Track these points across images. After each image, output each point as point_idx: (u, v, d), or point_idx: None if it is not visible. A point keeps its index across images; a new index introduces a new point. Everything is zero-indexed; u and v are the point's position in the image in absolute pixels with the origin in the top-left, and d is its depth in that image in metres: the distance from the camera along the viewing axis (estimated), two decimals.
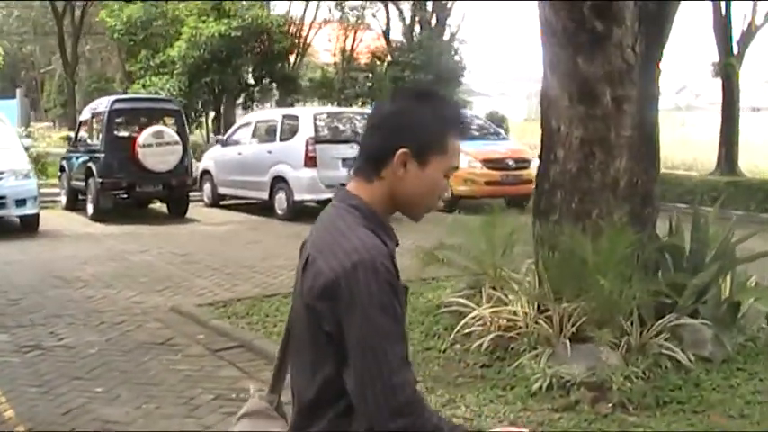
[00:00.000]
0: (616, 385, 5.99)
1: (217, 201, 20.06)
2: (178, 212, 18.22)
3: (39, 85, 67.85)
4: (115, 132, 17.98)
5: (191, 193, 20.64)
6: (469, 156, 17.64)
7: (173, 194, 18.06)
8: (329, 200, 8.99)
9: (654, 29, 6.75)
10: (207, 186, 20.53)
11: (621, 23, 6.54)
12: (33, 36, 58.46)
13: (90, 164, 17.77)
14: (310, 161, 16.80)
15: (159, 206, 19.05)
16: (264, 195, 17.89)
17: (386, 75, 27.43)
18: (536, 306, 7.08)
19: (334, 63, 42.77)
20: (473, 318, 7.39)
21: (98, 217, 17.40)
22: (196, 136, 27.51)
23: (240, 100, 28.69)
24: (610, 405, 5.89)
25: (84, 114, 20.13)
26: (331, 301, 2.09)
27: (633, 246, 6.63)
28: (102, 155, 17.40)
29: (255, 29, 24.67)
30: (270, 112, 20.45)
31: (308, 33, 30.97)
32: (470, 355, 7.12)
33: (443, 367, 7.01)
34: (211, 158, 20.60)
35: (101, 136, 17.75)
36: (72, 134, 21.18)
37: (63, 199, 20.04)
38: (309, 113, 18.11)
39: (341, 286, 2.07)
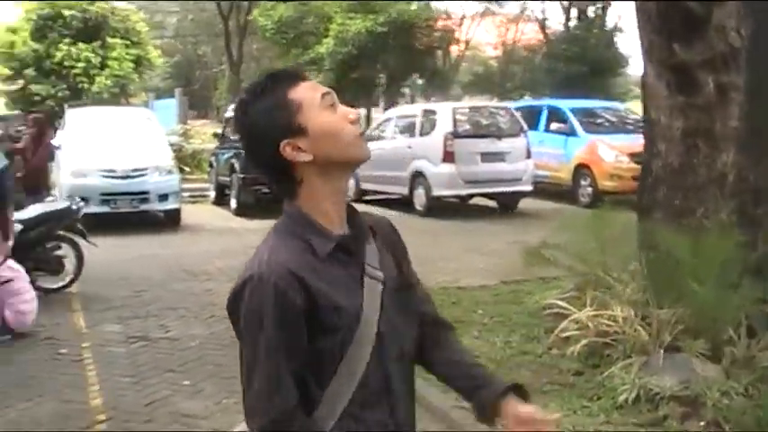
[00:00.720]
0: (711, 401, 5.46)
1: (360, 196, 20.03)
2: None
3: (211, 83, 69.97)
4: None
5: None
6: (616, 149, 17.02)
7: None
8: (468, 195, 8.80)
9: (763, 7, 6.14)
10: (351, 181, 20.56)
11: (722, 3, 5.98)
12: (206, 37, 60.26)
13: (233, 160, 18.13)
14: (449, 156, 16.54)
15: None
16: (404, 190, 17.76)
17: (540, 67, 26.83)
18: (637, 311, 6.56)
19: (497, 56, 42.53)
20: (572, 321, 6.95)
21: (240, 211, 17.73)
22: None
23: (388, 95, 28.67)
24: (702, 423, 5.37)
25: (229, 111, 20.54)
26: (230, 317, 2.07)
27: (740, 248, 6.05)
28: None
29: (401, 24, 24.53)
30: (410, 108, 20.32)
31: (460, 27, 30.71)
32: (564, 361, 6.75)
33: (535, 373, 6.66)
34: None
35: None
36: (220, 131, 21.63)
37: (212, 194, 20.53)
38: (448, 108, 17.82)
39: (233, 303, 2.04)
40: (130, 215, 15.67)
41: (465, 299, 9.37)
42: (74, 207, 10.35)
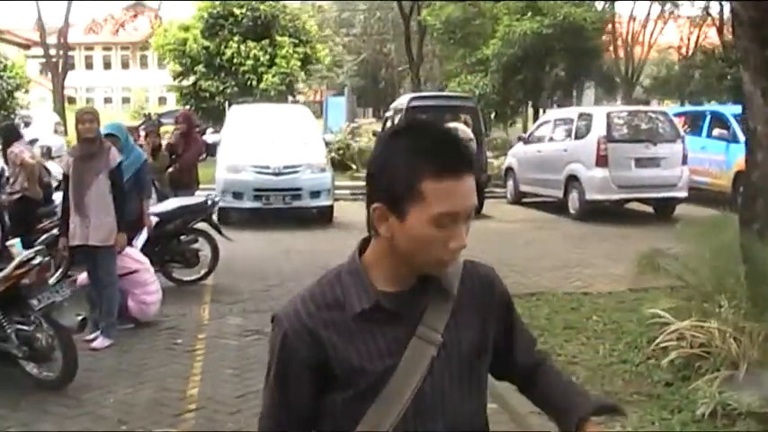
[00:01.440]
0: None
1: (519, 198, 20.00)
2: (475, 208, 18.31)
3: (396, 82, 70.85)
4: None
5: (495, 190, 20.96)
6: None
7: None
8: (623, 200, 8.80)
9: None
10: (510, 183, 20.58)
11: None
12: (392, 36, 60.92)
13: None
14: (602, 160, 16.29)
15: None
16: (559, 194, 17.59)
17: (715, 71, 25.89)
18: (735, 325, 6.35)
19: (678, 59, 41.33)
20: (672, 332, 6.79)
21: None
22: (512, 133, 27.49)
23: (555, 97, 28.32)
24: None
25: (389, 111, 20.85)
26: None
27: None
28: None
29: (568, 26, 24.19)
30: (567, 111, 20.05)
31: (644, 28, 29.82)
32: (659, 371, 6.63)
33: (627, 382, 6.58)
34: (514, 156, 20.58)
35: None
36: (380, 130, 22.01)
37: None
38: (603, 112, 17.54)
39: None
40: (282, 211, 16.13)
41: (586, 305, 9.27)
42: (209, 202, 10.78)
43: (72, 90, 69.73)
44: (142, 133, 13.60)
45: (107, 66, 78.53)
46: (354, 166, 25.56)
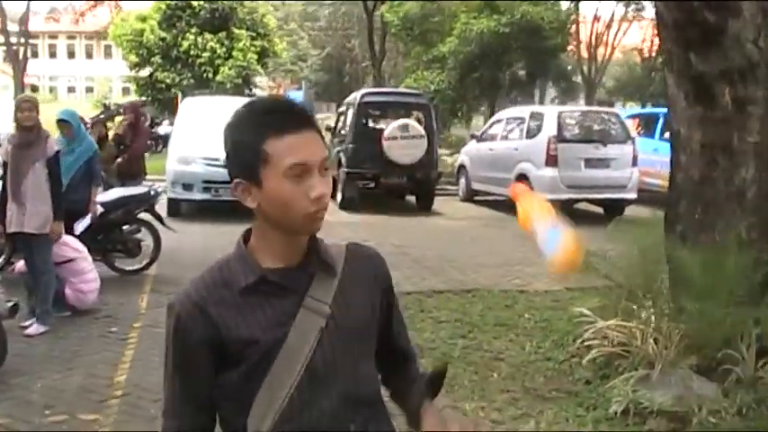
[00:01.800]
0: (697, 419, 5.37)
1: (470, 196, 20.14)
2: (424, 205, 18.51)
3: (360, 77, 70.77)
4: (364, 124, 18.56)
5: (448, 188, 21.11)
6: None
7: (417, 187, 18.38)
8: (571, 200, 8.87)
9: None
10: (462, 181, 20.74)
11: (738, 14, 5.78)
12: (357, 31, 60.84)
13: (340, 154, 18.47)
14: (552, 160, 16.42)
15: (411, 198, 19.35)
16: (509, 192, 17.66)
17: None
18: (657, 325, 6.47)
19: (641, 61, 41.66)
20: (595, 331, 6.91)
21: (345, 205, 18.03)
22: (471, 130, 27.57)
23: (514, 96, 28.45)
24: None
25: (342, 107, 20.90)
26: None
27: (759, 265, 5.89)
28: (351, 145, 18.07)
29: (525, 25, 24.31)
30: (518, 110, 20.19)
31: (608, 29, 29.92)
32: (581, 369, 6.73)
33: (549, 378, 6.69)
34: (467, 154, 20.73)
35: (350, 127, 18.38)
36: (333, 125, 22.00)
37: None
38: (554, 111, 17.67)
39: None
40: (232, 203, 16.05)
41: (521, 302, 9.39)
42: (152, 192, 10.81)
43: (35, 78, 69.24)
44: (88, 123, 13.50)
45: (71, 55, 78.08)
46: None
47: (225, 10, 30.94)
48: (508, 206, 17.35)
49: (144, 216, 10.88)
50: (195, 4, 30.59)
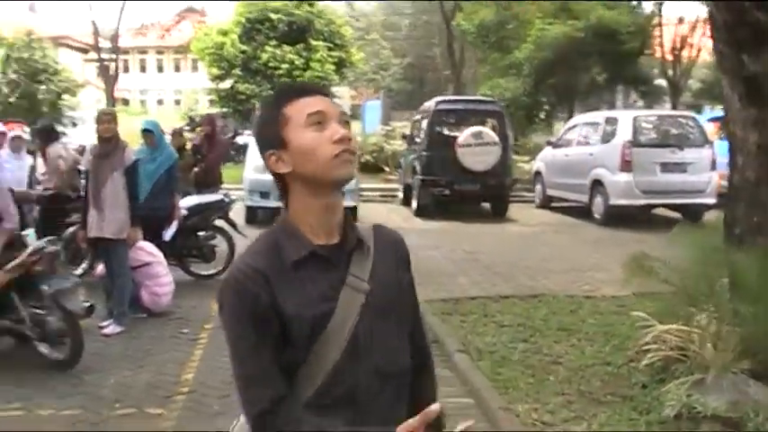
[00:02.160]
0: (753, 424, 5.36)
1: (546, 202, 20.11)
2: (498, 212, 18.55)
3: (442, 86, 70.75)
4: (438, 132, 18.69)
5: (525, 194, 21.09)
6: None
7: (491, 194, 18.45)
8: (648, 206, 8.82)
9: None
10: (538, 188, 20.72)
11: None
12: (437, 39, 60.82)
13: (416, 161, 18.62)
14: (626, 165, 16.32)
15: (487, 205, 19.39)
16: (585, 198, 17.65)
17: None
18: (716, 329, 6.45)
19: None
20: (654, 335, 6.91)
21: (420, 212, 18.24)
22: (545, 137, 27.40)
23: (591, 101, 28.17)
24: None
25: (417, 115, 21.05)
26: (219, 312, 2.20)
27: None
28: (425, 153, 18.23)
29: (601, 30, 24.08)
30: (593, 115, 20.01)
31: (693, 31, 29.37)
32: (638, 373, 6.73)
33: (605, 383, 6.69)
34: (542, 160, 20.69)
35: (424, 135, 18.53)
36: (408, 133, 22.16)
37: (400, 194, 21.09)
38: (629, 116, 17.53)
39: (218, 303, 2.17)
40: None
41: (586, 308, 9.37)
42: (226, 200, 11.13)
43: (126, 92, 70.95)
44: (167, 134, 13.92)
45: (160, 69, 79.59)
46: (387, 169, 25.80)
47: (302, 22, 31.41)
48: (583, 212, 17.36)
49: (219, 223, 11.21)
50: (274, 17, 31.13)
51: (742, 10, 5.89)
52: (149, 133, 9.91)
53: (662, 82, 34.00)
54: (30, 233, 7.71)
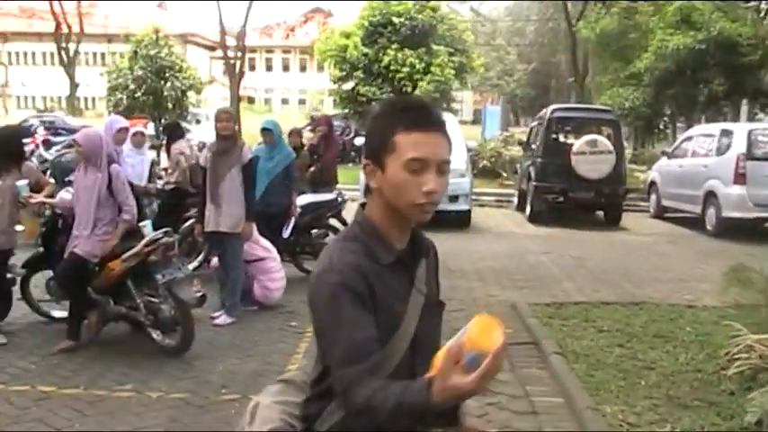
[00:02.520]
0: None
1: (661, 212, 20.06)
2: (611, 220, 18.61)
3: (566, 93, 70.39)
4: (553, 139, 18.91)
5: (640, 204, 21.06)
6: None
7: (605, 202, 18.53)
8: (761, 219, 9.02)
9: None
10: (653, 197, 20.68)
11: None
12: (562, 46, 60.58)
13: (530, 168, 18.85)
14: (740, 178, 16.24)
15: (600, 213, 19.45)
16: (698, 209, 17.59)
17: None
18: None
19: None
20: (743, 345, 7.07)
21: (533, 218, 18.49)
22: (661, 147, 27.11)
23: (709, 113, 27.72)
24: None
25: (534, 122, 21.25)
26: (310, 305, 2.41)
27: None
28: (540, 160, 18.45)
29: (722, 41, 23.71)
30: (709, 127, 19.85)
31: None
32: (728, 381, 6.88)
33: (694, 389, 6.85)
34: (657, 170, 20.64)
35: (540, 142, 18.74)
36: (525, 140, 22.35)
37: (515, 200, 21.32)
38: (744, 129, 17.38)
39: (310, 297, 2.38)
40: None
41: (686, 317, 9.46)
42: (339, 199, 11.57)
43: (252, 90, 72.58)
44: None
45: (285, 68, 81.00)
46: (504, 174, 26.01)
47: (424, 26, 31.86)
48: (697, 223, 17.29)
49: (332, 221, 11.65)
50: (396, 20, 31.68)
51: None
52: (268, 132, 10.30)
53: None
54: (147, 225, 8.07)
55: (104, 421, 5.97)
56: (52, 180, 9.96)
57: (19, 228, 8.51)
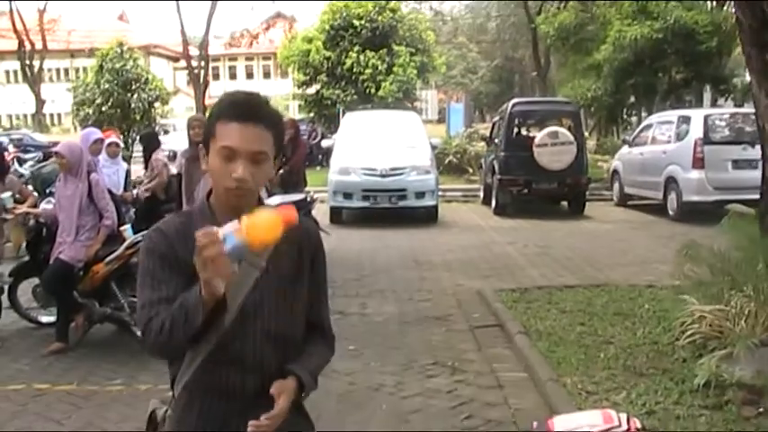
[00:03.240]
0: None
1: (624, 200, 20.47)
2: (575, 210, 19.05)
3: (529, 88, 70.91)
4: (515, 133, 19.35)
5: (604, 193, 21.53)
6: None
7: (568, 192, 18.96)
8: (719, 201, 9.44)
9: None
10: (615, 186, 21.10)
11: None
12: (524, 42, 60.91)
13: (494, 162, 19.27)
14: (698, 162, 16.69)
15: (565, 204, 19.91)
16: (659, 195, 18.02)
17: None
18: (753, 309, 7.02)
19: None
20: (695, 316, 7.49)
21: (499, 211, 18.88)
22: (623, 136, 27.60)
23: (670, 102, 28.22)
24: (759, 409, 5.86)
25: (496, 117, 21.69)
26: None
27: None
28: (503, 153, 18.86)
29: (679, 30, 24.25)
30: (666, 114, 20.33)
31: None
32: (681, 350, 7.31)
33: (650, 359, 7.27)
34: (619, 159, 21.08)
35: (502, 136, 19.17)
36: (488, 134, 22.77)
37: (481, 194, 21.74)
38: (701, 114, 17.85)
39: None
40: (390, 210, 17.22)
41: (645, 296, 9.86)
42: (308, 198, 11.93)
43: (217, 99, 72.67)
44: None
45: (249, 75, 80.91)
46: (471, 170, 26.42)
47: (385, 28, 32.34)
48: (659, 209, 17.74)
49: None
50: (357, 23, 32.14)
51: (763, 16, 6.47)
52: None
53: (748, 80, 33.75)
54: (128, 228, 8.41)
55: (99, 412, 6.36)
56: (34, 192, 10.27)
57: (8, 245, 8.81)
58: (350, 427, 6.04)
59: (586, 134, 23.84)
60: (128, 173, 12.45)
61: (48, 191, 9.87)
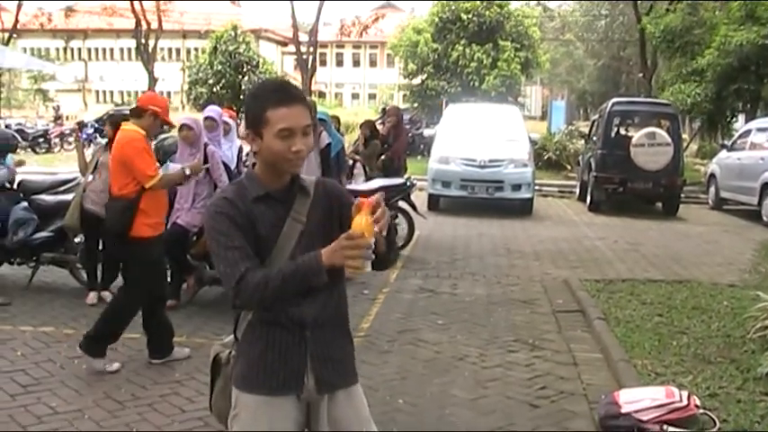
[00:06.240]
0: None
1: (719, 204, 20.56)
2: (669, 211, 19.25)
3: (636, 88, 70.06)
4: (613, 131, 19.65)
5: (701, 196, 21.65)
6: None
7: (662, 193, 19.17)
8: None
9: None
10: (711, 189, 21.18)
11: None
12: (632, 41, 60.19)
13: (591, 159, 19.60)
14: None
15: (659, 204, 20.11)
16: (754, 201, 18.11)
17: None
18: None
19: None
20: (762, 309, 7.90)
21: (593, 207, 19.25)
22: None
23: None
24: None
25: (596, 115, 21.96)
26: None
27: None
28: (600, 151, 19.17)
29: None
30: (766, 120, 20.31)
31: None
32: (751, 342, 7.72)
33: (720, 349, 7.66)
34: (717, 163, 21.14)
35: (600, 134, 19.49)
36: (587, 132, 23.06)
37: (577, 190, 22.07)
38: None
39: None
40: (486, 201, 17.82)
41: (725, 293, 10.15)
42: (407, 183, 12.52)
43: (323, 85, 73.63)
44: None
45: (356, 63, 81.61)
46: (569, 167, 26.71)
47: (492, 23, 32.76)
48: (753, 215, 17.85)
49: (401, 204, 12.61)
50: (465, 17, 32.63)
51: None
52: (321, 122, 11.23)
53: None
54: None
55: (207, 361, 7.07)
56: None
57: None
58: (434, 389, 6.63)
59: (685, 137, 23.79)
60: (240, 149, 13.18)
61: (170, 160, 10.65)
